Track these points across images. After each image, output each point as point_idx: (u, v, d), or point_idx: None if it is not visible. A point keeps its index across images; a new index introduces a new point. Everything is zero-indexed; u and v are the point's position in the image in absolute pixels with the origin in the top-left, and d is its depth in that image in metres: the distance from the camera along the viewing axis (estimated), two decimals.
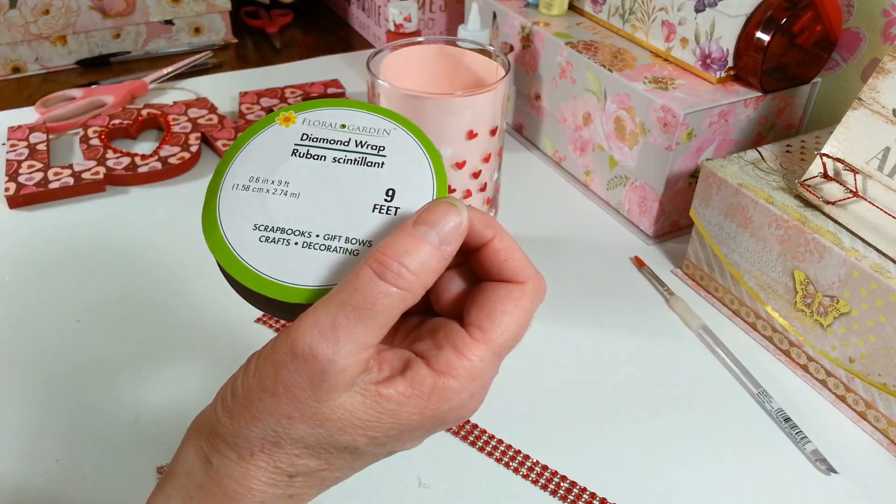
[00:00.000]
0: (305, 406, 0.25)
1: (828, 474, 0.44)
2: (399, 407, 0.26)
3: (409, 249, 0.25)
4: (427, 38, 0.54)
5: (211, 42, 0.95)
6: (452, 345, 0.26)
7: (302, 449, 0.26)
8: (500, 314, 0.27)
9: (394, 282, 0.25)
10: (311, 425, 0.25)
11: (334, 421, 0.25)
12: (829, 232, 0.48)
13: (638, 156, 0.61)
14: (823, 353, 0.49)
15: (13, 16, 0.82)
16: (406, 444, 0.28)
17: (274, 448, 0.26)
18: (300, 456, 0.26)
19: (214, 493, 0.27)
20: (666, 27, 0.62)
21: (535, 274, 0.28)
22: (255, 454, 0.26)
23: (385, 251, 0.25)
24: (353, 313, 0.25)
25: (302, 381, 0.25)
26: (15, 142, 0.70)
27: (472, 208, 0.28)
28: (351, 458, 0.27)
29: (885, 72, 0.48)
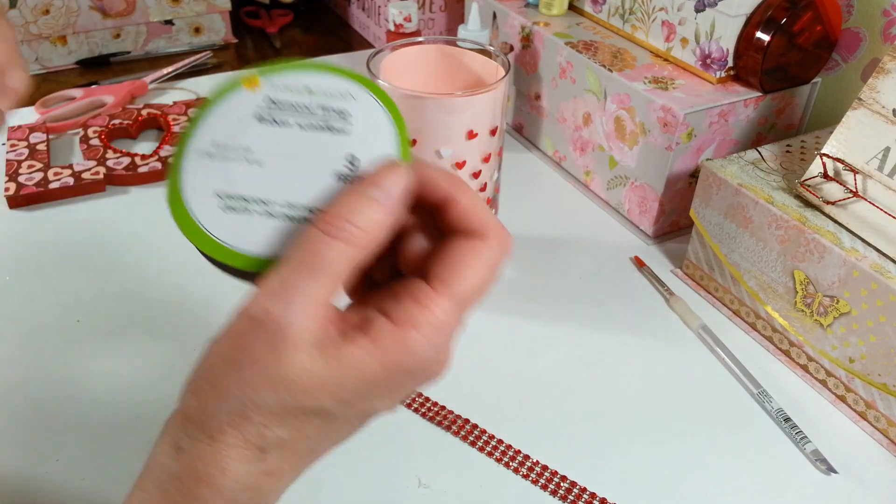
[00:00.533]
0: (267, 370, 0.25)
1: (828, 474, 0.44)
2: (361, 362, 0.25)
3: (354, 207, 0.26)
4: (427, 38, 0.54)
5: (211, 42, 0.95)
6: (413, 297, 0.26)
7: (269, 417, 0.26)
8: (462, 266, 0.27)
9: (339, 236, 0.25)
10: (275, 390, 0.25)
11: (297, 383, 0.25)
12: (829, 232, 0.48)
13: (638, 156, 0.61)
14: (823, 353, 0.49)
15: (13, 16, 0.82)
16: (376, 405, 0.28)
17: (242, 421, 0.26)
18: (268, 426, 0.26)
19: (187, 479, 0.26)
20: (666, 27, 0.62)
21: (498, 227, 0.28)
22: (225, 431, 0.26)
23: (331, 211, 0.26)
24: (302, 271, 0.25)
25: (261, 345, 0.25)
26: (15, 142, 0.70)
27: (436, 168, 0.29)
28: (321, 422, 0.27)
29: (885, 72, 0.48)
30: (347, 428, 0.28)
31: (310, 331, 0.25)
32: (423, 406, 0.48)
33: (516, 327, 0.54)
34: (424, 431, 0.46)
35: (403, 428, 0.47)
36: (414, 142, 0.48)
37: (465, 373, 0.51)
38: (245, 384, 0.25)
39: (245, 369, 0.25)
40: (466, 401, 0.48)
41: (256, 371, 0.25)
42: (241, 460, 0.26)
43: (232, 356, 0.26)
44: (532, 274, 0.59)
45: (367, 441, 0.46)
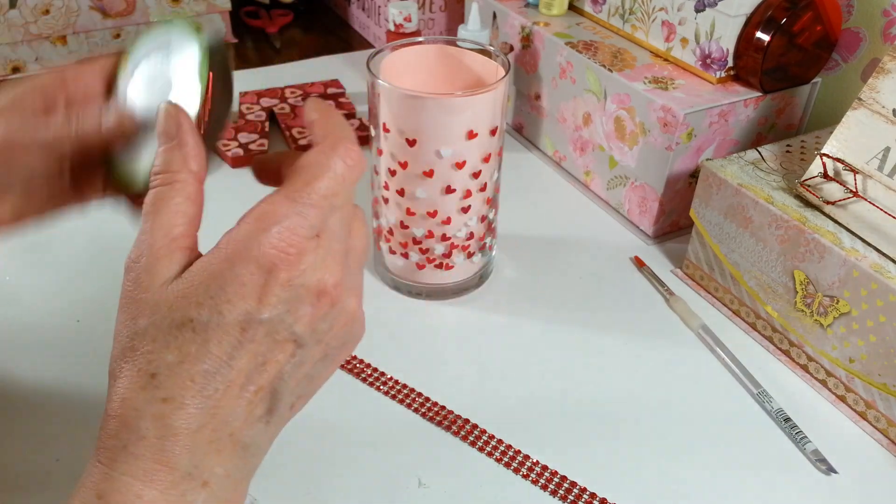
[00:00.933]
0: (139, 302, 0.29)
1: (828, 474, 0.44)
2: (203, 262, 0.29)
3: (158, 161, 0.31)
4: (427, 38, 0.54)
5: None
6: (255, 204, 0.30)
7: (150, 343, 0.28)
8: (297, 167, 0.30)
9: (161, 183, 0.31)
10: (148, 315, 0.28)
11: (160, 301, 0.28)
12: (829, 232, 0.48)
13: (638, 156, 0.61)
14: (823, 353, 0.49)
15: (13, 16, 0.82)
16: (244, 309, 0.28)
17: (131, 352, 0.29)
18: (152, 351, 0.28)
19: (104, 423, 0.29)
20: (666, 27, 0.62)
21: (336, 131, 0.32)
22: (123, 368, 0.29)
23: (153, 170, 0.31)
24: (147, 220, 0.30)
25: (134, 286, 0.29)
26: None
27: (311, 99, 0.34)
28: (197, 337, 0.28)
29: (885, 72, 0.48)
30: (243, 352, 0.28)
31: (168, 259, 0.29)
32: (423, 406, 0.48)
33: (516, 327, 0.54)
34: (424, 431, 0.46)
35: (403, 428, 0.47)
36: (414, 142, 0.48)
37: (465, 373, 0.51)
38: (127, 321, 0.29)
39: (124, 310, 0.29)
40: (466, 401, 0.48)
41: (132, 306, 0.29)
42: (136, 389, 0.28)
43: (121, 304, 0.30)
44: (532, 274, 0.59)
45: (367, 441, 0.46)
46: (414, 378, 0.50)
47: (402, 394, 0.49)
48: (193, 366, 0.28)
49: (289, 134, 0.74)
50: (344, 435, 0.46)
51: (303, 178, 0.30)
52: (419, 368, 0.51)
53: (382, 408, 0.48)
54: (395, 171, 0.50)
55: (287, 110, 0.77)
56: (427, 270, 0.55)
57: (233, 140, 0.72)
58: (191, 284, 0.28)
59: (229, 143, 0.72)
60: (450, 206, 0.51)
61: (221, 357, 0.28)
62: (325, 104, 0.34)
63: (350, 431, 0.46)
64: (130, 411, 0.28)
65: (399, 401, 0.48)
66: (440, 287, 0.56)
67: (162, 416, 0.27)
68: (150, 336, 0.28)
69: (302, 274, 0.29)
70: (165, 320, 0.28)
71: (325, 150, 0.31)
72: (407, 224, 0.52)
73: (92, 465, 0.28)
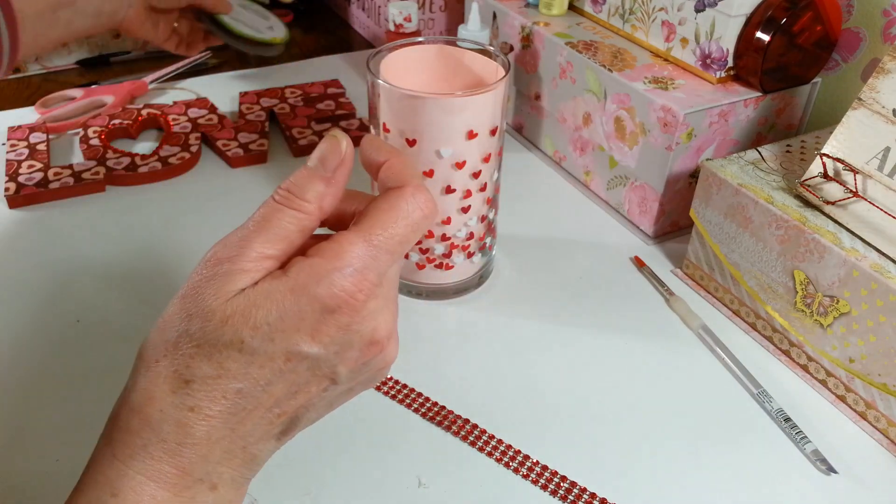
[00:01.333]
0: (204, 302, 0.28)
1: (828, 474, 0.44)
2: (270, 286, 0.28)
3: (299, 181, 0.30)
4: (427, 38, 0.54)
5: (211, 42, 0.95)
6: (328, 238, 0.30)
7: (194, 348, 0.28)
8: (372, 210, 0.31)
9: (287, 203, 0.30)
10: (202, 320, 0.28)
11: (218, 313, 0.28)
12: (829, 232, 0.48)
13: (638, 156, 0.61)
14: (823, 353, 0.49)
15: None
16: (298, 342, 0.28)
17: (173, 350, 0.28)
18: (194, 357, 0.28)
19: (123, 411, 0.28)
20: (666, 27, 0.62)
21: (413, 179, 0.32)
22: (160, 360, 0.28)
23: (284, 183, 0.30)
24: (253, 228, 0.29)
25: (205, 281, 0.28)
26: (15, 142, 0.70)
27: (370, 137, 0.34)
28: (243, 359, 0.28)
29: (885, 72, 0.48)
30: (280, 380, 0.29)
31: (248, 276, 0.28)
32: (423, 406, 0.48)
33: (516, 327, 0.54)
34: (424, 431, 0.46)
35: (403, 428, 0.47)
36: (414, 142, 0.48)
37: (465, 373, 0.51)
38: (184, 314, 0.28)
39: (189, 301, 0.28)
40: (466, 401, 0.48)
41: (195, 303, 0.28)
42: (167, 390, 0.28)
43: (185, 292, 0.29)
44: (532, 274, 0.59)
45: (367, 441, 0.46)
46: (414, 378, 0.50)
47: (402, 394, 0.49)
48: (229, 383, 0.28)
49: (289, 134, 0.74)
50: (344, 435, 0.46)
51: (382, 222, 0.30)
52: (419, 368, 0.51)
53: (382, 408, 0.48)
54: None
55: (287, 110, 0.77)
56: (427, 270, 0.55)
57: (233, 140, 0.72)
58: (251, 305, 0.28)
59: (229, 143, 0.72)
60: (450, 206, 0.51)
61: (259, 381, 0.28)
62: (386, 144, 0.34)
63: (350, 431, 0.46)
64: (156, 412, 0.28)
65: (399, 401, 0.48)
66: (440, 287, 0.56)
67: (186, 424, 0.28)
68: (197, 341, 0.28)
69: (361, 321, 0.29)
70: (216, 332, 0.28)
71: (405, 196, 0.31)
72: None
73: (105, 457, 0.28)
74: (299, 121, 0.76)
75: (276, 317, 0.28)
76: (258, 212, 0.30)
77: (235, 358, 0.28)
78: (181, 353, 0.28)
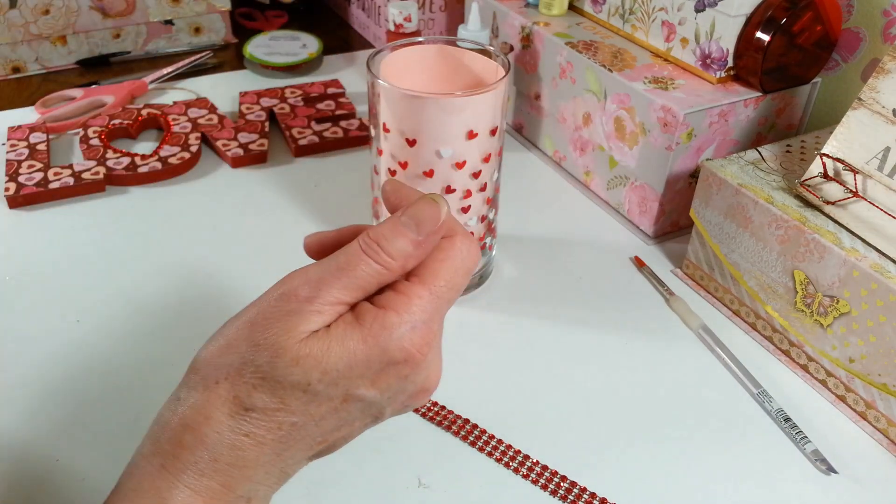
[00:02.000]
0: (274, 337, 0.28)
1: (828, 474, 0.45)
2: (343, 334, 0.29)
3: (389, 236, 0.30)
4: (427, 38, 0.54)
5: (211, 42, 0.95)
6: (393, 288, 0.30)
7: (259, 379, 0.28)
8: (432, 262, 0.31)
9: (373, 256, 0.30)
10: (271, 354, 0.28)
11: (291, 352, 0.28)
12: (828, 232, 0.48)
13: (638, 156, 0.61)
14: (823, 353, 0.49)
15: (13, 16, 0.82)
16: (361, 389, 0.29)
17: (236, 376, 0.28)
18: (257, 387, 0.28)
19: (176, 426, 0.29)
20: (666, 27, 0.62)
21: (462, 232, 0.33)
22: (220, 382, 0.29)
23: (372, 233, 0.30)
24: (335, 273, 0.29)
25: (278, 314, 0.29)
26: (15, 142, 0.70)
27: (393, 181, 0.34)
28: (305, 398, 0.29)
29: (885, 72, 0.48)
30: (333, 417, 0.30)
31: (321, 318, 0.29)
32: (423, 406, 0.48)
33: (516, 327, 0.54)
34: (424, 431, 0.46)
35: (403, 428, 0.47)
36: (414, 142, 0.48)
37: (465, 373, 0.51)
38: (252, 343, 0.29)
39: (258, 331, 0.29)
40: (466, 401, 0.48)
41: (265, 335, 0.28)
42: (225, 413, 0.28)
43: (254, 318, 0.29)
44: (532, 274, 0.59)
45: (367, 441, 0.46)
46: None
47: None
48: (287, 417, 0.29)
49: (289, 134, 0.74)
50: None
51: (441, 273, 0.31)
52: None
53: None
54: (395, 172, 0.50)
55: (287, 110, 0.77)
56: None
57: (233, 140, 0.72)
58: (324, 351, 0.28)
59: (229, 143, 0.72)
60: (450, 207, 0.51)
61: (314, 417, 0.29)
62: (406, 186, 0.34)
63: None
64: (212, 433, 0.28)
65: None
66: None
67: (239, 448, 0.29)
68: (262, 374, 0.28)
69: (419, 371, 0.31)
70: (285, 370, 0.28)
71: (458, 246, 0.32)
72: None
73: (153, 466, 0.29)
74: (299, 121, 0.76)
75: (345, 365, 0.29)
76: (341, 255, 0.30)
77: (298, 396, 0.29)
78: (244, 381, 0.28)
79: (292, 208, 0.66)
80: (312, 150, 0.73)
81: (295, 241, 0.36)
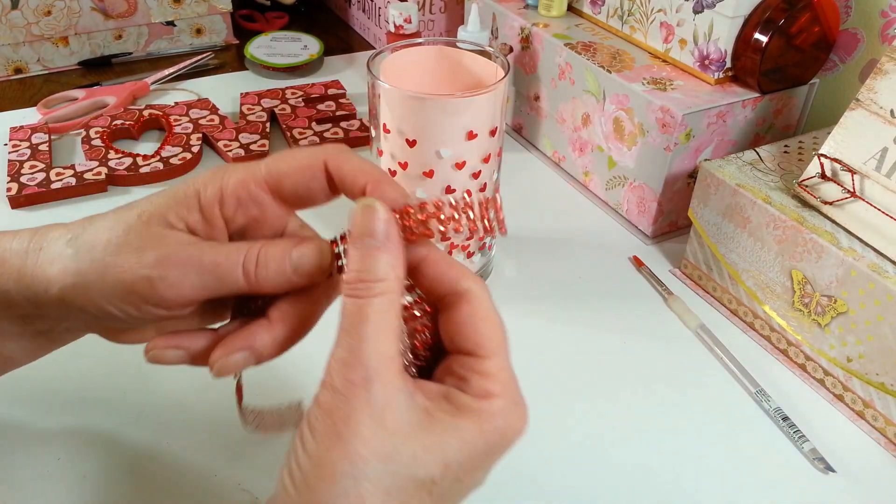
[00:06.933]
0: (374, 440, 0.25)
1: (826, 473, 0.45)
2: (467, 433, 0.26)
3: (361, 266, 0.27)
4: (427, 40, 0.54)
5: (212, 43, 0.95)
6: (472, 370, 0.28)
7: (383, 496, 0.25)
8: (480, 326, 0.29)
9: (368, 294, 0.27)
10: (386, 461, 0.25)
11: (405, 450, 0.25)
12: (826, 232, 0.48)
13: (637, 156, 0.61)
14: (821, 353, 0.50)
15: (15, 17, 0.82)
16: (476, 478, 0.28)
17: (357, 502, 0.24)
18: (374, 493, 0.25)
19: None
20: (664, 28, 0.63)
21: (472, 277, 0.30)
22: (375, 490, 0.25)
23: (348, 277, 0.28)
24: (356, 335, 0.26)
25: (358, 415, 0.25)
26: (17, 142, 0.71)
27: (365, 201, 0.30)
28: (427, 498, 0.26)
29: (882, 72, 0.48)
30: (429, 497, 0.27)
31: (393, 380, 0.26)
32: None
33: (515, 327, 0.54)
34: None
35: None
36: (414, 142, 0.48)
37: None
38: (354, 458, 0.25)
39: (350, 443, 0.25)
40: None
41: (362, 443, 0.25)
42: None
43: (333, 432, 0.25)
44: (531, 274, 0.60)
45: None
46: None
47: None
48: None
49: (290, 135, 0.74)
50: None
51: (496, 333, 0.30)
52: None
53: None
54: (395, 172, 0.51)
55: (288, 111, 0.78)
56: None
57: (234, 141, 0.73)
58: (439, 444, 0.26)
59: (230, 144, 0.72)
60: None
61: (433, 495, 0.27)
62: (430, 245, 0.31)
63: None
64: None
65: None
66: None
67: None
68: (385, 487, 0.25)
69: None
70: (406, 472, 0.25)
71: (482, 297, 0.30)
72: None
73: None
74: (300, 121, 0.76)
75: (468, 462, 0.27)
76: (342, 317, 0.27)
77: (422, 498, 0.26)
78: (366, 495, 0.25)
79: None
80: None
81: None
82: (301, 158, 0.32)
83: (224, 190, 0.32)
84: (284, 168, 0.32)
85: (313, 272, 0.31)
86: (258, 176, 0.32)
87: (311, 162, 0.32)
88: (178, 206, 0.31)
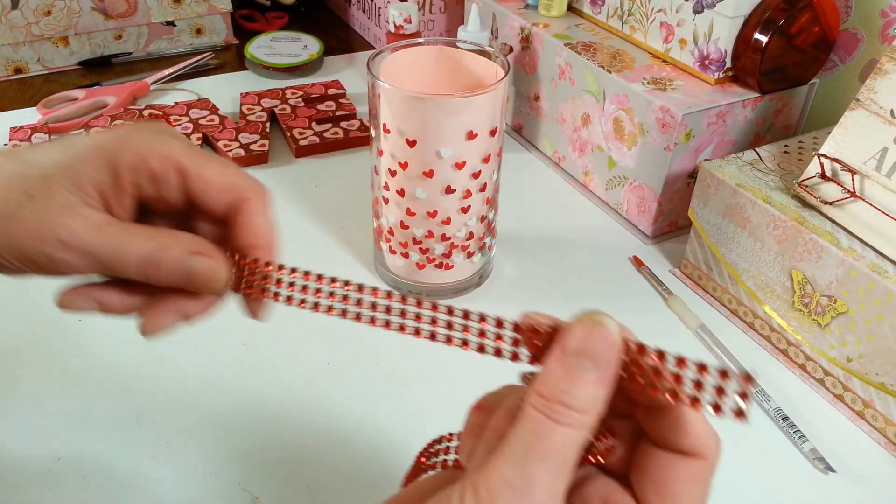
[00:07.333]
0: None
1: (826, 473, 0.45)
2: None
3: (567, 388, 0.23)
4: (427, 40, 0.54)
5: (212, 43, 0.95)
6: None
7: None
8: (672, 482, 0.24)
9: (563, 421, 0.23)
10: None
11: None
12: (826, 232, 0.48)
13: (637, 156, 0.61)
14: (821, 353, 0.50)
15: (15, 17, 0.82)
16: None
17: None
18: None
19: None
20: (664, 28, 0.63)
21: (716, 444, 0.25)
22: None
23: (544, 390, 0.24)
24: (535, 463, 0.22)
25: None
26: (17, 142, 0.71)
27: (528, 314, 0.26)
28: None
29: (882, 72, 0.48)
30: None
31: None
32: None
33: None
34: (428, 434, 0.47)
35: (405, 428, 0.47)
36: (414, 142, 0.48)
37: (465, 373, 0.51)
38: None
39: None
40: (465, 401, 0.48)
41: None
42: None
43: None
44: (531, 274, 0.60)
45: (367, 441, 0.46)
46: (414, 377, 0.50)
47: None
48: None
49: (290, 135, 0.74)
50: (344, 434, 0.46)
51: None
52: (419, 368, 0.51)
53: (382, 407, 0.48)
54: (395, 172, 0.51)
55: (288, 111, 0.78)
56: (427, 270, 0.55)
57: (234, 141, 0.73)
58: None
59: (230, 144, 0.72)
60: (449, 207, 0.51)
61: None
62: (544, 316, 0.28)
63: (350, 431, 0.46)
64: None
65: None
66: (440, 287, 0.56)
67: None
68: None
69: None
70: None
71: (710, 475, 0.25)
72: (407, 224, 0.53)
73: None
74: (300, 121, 0.76)
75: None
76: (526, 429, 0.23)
77: None
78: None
79: (293, 208, 0.66)
80: (313, 150, 0.73)
81: (295, 240, 0.37)
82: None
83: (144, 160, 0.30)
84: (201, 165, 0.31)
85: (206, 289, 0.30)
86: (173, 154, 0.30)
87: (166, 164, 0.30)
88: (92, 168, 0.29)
